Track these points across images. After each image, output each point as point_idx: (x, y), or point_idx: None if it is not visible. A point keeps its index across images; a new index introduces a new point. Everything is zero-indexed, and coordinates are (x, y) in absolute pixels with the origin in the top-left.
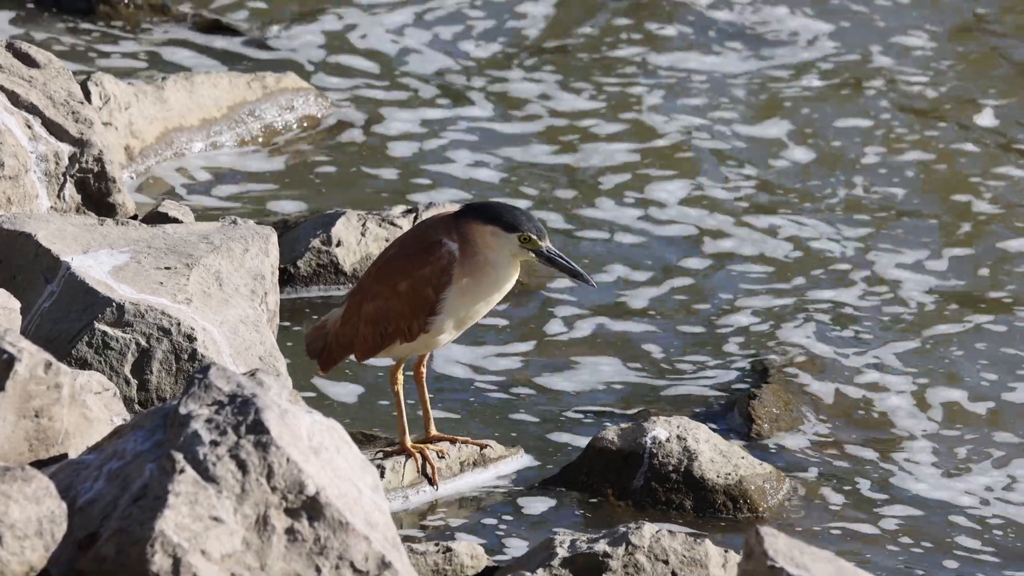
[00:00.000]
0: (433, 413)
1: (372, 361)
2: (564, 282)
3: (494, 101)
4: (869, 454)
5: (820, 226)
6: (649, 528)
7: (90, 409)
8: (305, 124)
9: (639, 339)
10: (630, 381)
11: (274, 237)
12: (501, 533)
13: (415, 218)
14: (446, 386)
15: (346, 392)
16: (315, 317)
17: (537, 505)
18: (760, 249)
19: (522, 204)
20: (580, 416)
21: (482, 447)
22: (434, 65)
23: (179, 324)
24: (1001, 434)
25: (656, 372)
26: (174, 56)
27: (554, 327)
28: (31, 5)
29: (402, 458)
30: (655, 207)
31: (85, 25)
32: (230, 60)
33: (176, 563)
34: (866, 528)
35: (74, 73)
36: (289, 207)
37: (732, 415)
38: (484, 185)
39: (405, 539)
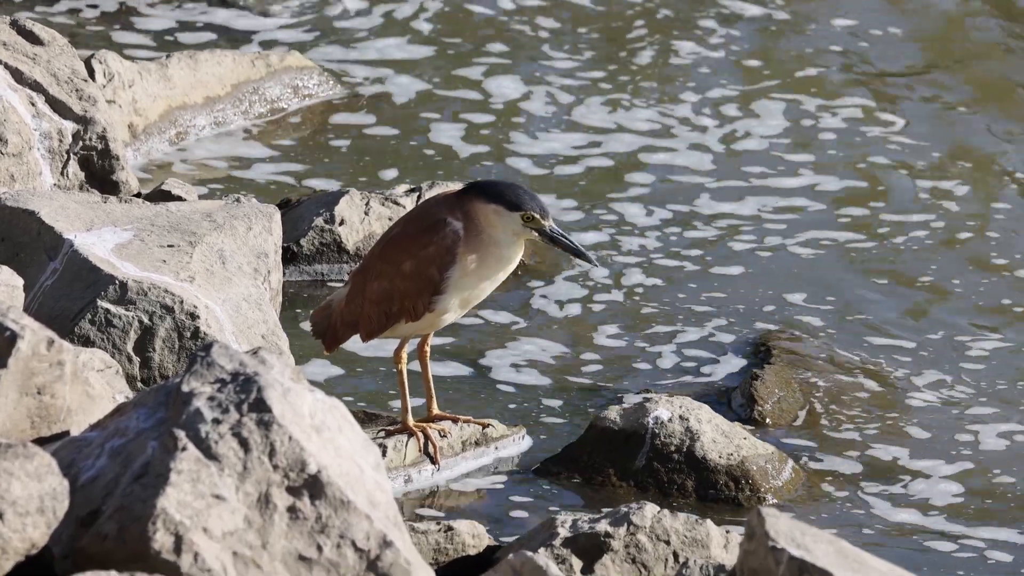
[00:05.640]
0: (436, 392)
1: (376, 341)
2: (567, 261)
3: (503, 78)
4: (872, 435)
5: (825, 207)
6: (651, 508)
7: (92, 386)
8: (308, 102)
9: (641, 319)
10: (632, 361)
11: (277, 216)
12: (503, 512)
13: (418, 197)
14: (449, 365)
15: (348, 370)
16: (315, 295)
17: (539, 485)
18: (764, 230)
19: (528, 184)
20: (582, 396)
21: (484, 426)
22: (441, 43)
23: (182, 302)
24: (1005, 416)
25: (659, 352)
26: (178, 34)
27: (555, 307)
28: None
29: (404, 437)
30: (658, 184)
31: (89, 2)
32: (235, 38)
33: (178, 541)
34: (868, 509)
35: (78, 50)
36: (292, 186)
37: (735, 395)
38: (490, 165)
39: (406, 518)
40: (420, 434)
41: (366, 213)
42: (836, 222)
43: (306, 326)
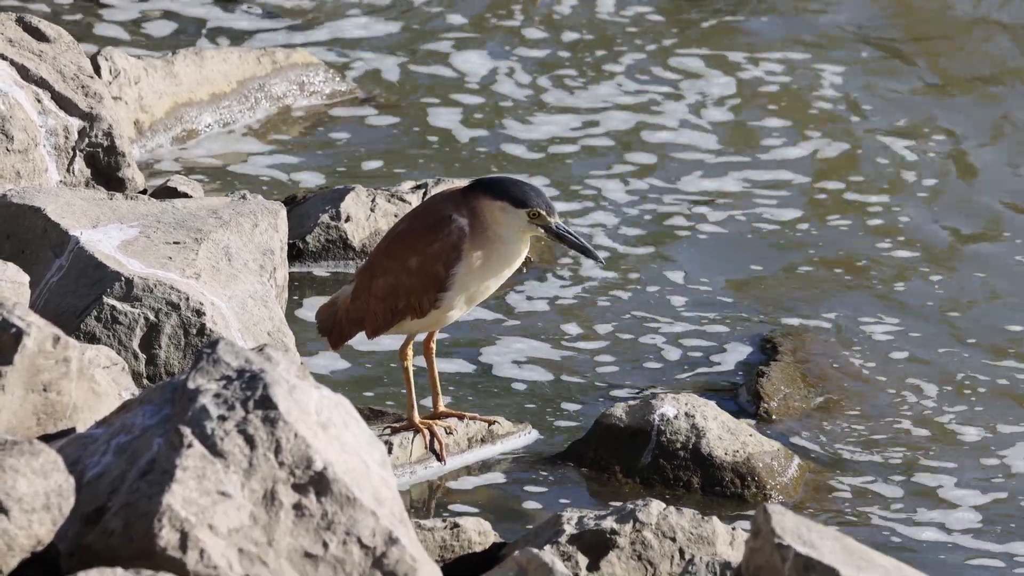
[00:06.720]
0: (441, 389)
1: (382, 338)
2: (571, 258)
3: (508, 73)
4: (879, 432)
5: (830, 204)
6: (656, 505)
7: (98, 383)
8: (314, 99)
9: (648, 316)
10: (638, 358)
11: (283, 212)
12: (508, 509)
13: (424, 193)
14: (455, 362)
15: (354, 367)
16: (321, 292)
17: (545, 482)
18: (771, 226)
19: (534, 180)
20: (588, 393)
21: (490, 423)
22: (447, 38)
23: (188, 299)
24: (1010, 413)
25: (664, 349)
26: (184, 30)
27: (562, 304)
28: None
29: (410, 434)
30: (663, 181)
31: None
32: (241, 34)
33: (183, 537)
34: (873, 506)
35: (83, 47)
36: (298, 182)
37: (740, 393)
38: (495, 160)
39: (412, 515)
40: (426, 431)
41: (372, 210)
42: (848, 223)
43: (312, 319)
